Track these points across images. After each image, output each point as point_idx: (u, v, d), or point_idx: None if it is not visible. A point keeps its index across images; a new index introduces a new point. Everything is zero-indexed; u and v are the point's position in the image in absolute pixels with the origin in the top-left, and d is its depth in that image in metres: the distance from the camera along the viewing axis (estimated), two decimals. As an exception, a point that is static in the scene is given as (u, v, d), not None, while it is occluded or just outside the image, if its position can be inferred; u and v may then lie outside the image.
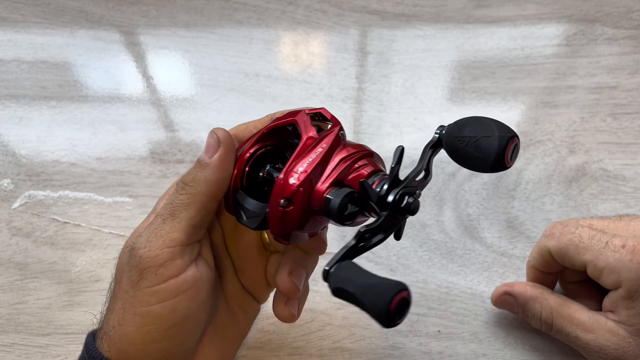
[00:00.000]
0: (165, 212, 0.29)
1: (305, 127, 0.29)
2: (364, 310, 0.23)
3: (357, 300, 0.23)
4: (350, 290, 0.24)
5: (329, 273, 0.25)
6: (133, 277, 0.29)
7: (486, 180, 0.48)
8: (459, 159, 0.28)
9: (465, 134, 0.27)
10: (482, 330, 0.40)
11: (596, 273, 0.34)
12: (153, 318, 0.29)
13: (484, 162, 0.26)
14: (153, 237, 0.29)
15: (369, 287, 0.23)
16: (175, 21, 0.59)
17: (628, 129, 0.50)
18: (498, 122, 0.27)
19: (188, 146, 0.50)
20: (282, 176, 0.27)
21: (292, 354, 0.40)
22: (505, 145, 0.26)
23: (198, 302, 0.30)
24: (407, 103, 0.53)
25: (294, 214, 0.27)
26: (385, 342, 0.40)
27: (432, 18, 0.59)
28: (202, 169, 0.29)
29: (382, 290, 0.23)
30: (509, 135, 0.26)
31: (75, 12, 0.60)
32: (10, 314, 0.42)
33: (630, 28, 0.57)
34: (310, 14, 0.59)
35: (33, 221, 0.46)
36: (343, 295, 0.24)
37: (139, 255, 0.29)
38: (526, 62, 0.55)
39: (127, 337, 0.29)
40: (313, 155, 0.28)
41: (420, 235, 0.45)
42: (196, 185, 0.29)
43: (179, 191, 0.30)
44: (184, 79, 0.56)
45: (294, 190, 0.27)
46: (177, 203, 0.29)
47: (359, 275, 0.24)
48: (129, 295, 0.29)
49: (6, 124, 0.52)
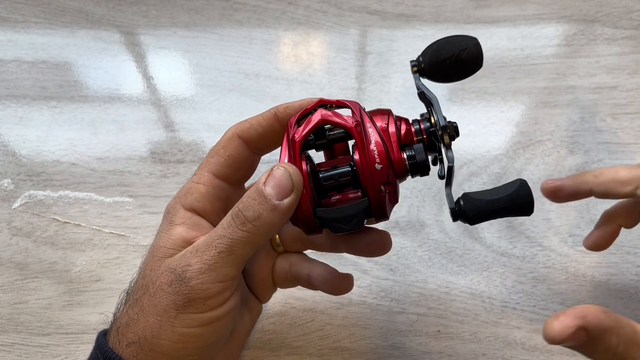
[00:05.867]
0: (221, 246, 0.28)
1: (340, 118, 0.29)
2: (512, 214, 0.28)
3: (509, 211, 0.28)
4: (502, 207, 0.28)
5: (463, 209, 0.29)
6: (178, 301, 0.28)
7: (486, 180, 0.48)
8: (445, 78, 0.31)
9: (444, 56, 0.30)
10: (481, 330, 0.41)
11: None
12: (192, 337, 0.29)
13: (470, 68, 0.30)
14: (206, 269, 0.28)
15: (512, 195, 0.28)
16: (175, 21, 0.59)
17: (628, 129, 0.50)
18: (459, 35, 0.31)
19: (188, 146, 0.50)
20: (363, 168, 0.28)
21: (292, 353, 0.40)
22: (480, 47, 0.30)
23: (233, 323, 0.31)
24: (407, 103, 0.53)
25: (394, 191, 0.29)
26: (385, 342, 0.40)
27: (432, 18, 0.59)
28: (270, 212, 0.28)
29: (521, 195, 0.28)
30: (475, 39, 0.31)
31: (75, 12, 0.60)
32: (10, 314, 0.42)
33: (630, 28, 0.57)
34: (310, 14, 0.60)
35: (33, 221, 0.46)
36: (489, 216, 0.28)
37: (190, 285, 0.28)
38: (526, 62, 0.55)
39: (161, 348, 0.29)
40: (370, 137, 0.29)
41: (420, 235, 0.45)
42: (260, 226, 0.28)
43: (239, 227, 0.28)
44: (184, 79, 0.56)
45: (387, 174, 0.28)
46: (237, 240, 0.28)
47: (491, 194, 0.29)
48: (169, 315, 0.28)
49: (6, 124, 0.52)
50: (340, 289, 0.34)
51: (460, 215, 0.29)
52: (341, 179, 0.30)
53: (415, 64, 0.32)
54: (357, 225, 0.29)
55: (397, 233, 0.45)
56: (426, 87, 0.31)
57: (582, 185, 0.37)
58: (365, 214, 0.29)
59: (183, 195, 0.32)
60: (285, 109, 0.32)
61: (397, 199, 0.30)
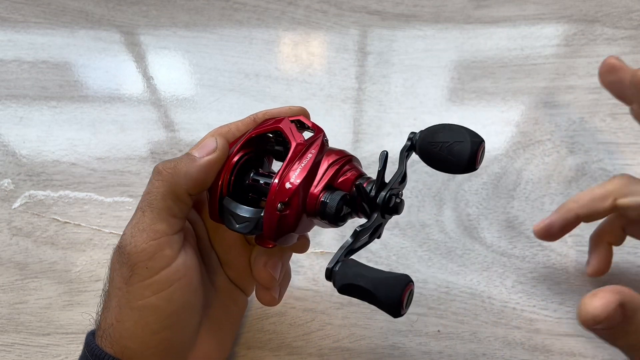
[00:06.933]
0: (143, 205, 0.29)
1: (292, 134, 0.30)
2: (375, 303, 0.25)
3: (369, 295, 0.25)
4: (363, 285, 0.25)
5: (334, 271, 0.26)
6: (124, 274, 0.29)
7: (486, 180, 0.48)
8: (432, 162, 0.29)
9: (438, 139, 0.28)
10: (481, 330, 0.41)
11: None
12: (150, 310, 0.29)
13: (457, 165, 0.28)
14: (136, 231, 0.29)
15: (381, 281, 0.25)
16: (175, 21, 0.59)
17: (627, 129, 0.50)
18: (467, 128, 0.29)
19: (188, 146, 0.50)
20: (277, 181, 0.28)
21: (292, 353, 0.40)
22: (477, 149, 0.28)
23: (192, 289, 0.31)
24: (407, 103, 0.53)
25: (291, 217, 0.28)
26: (385, 342, 0.40)
27: (431, 18, 0.59)
28: (188, 162, 0.29)
29: (393, 283, 0.25)
30: (479, 140, 0.28)
31: (75, 12, 0.60)
32: (10, 314, 0.42)
33: (630, 28, 0.57)
34: (310, 14, 0.60)
35: (33, 221, 0.46)
36: (352, 291, 0.25)
37: (127, 252, 0.29)
38: (526, 62, 0.55)
39: (127, 332, 0.29)
40: (304, 161, 0.29)
41: (420, 235, 0.45)
42: (174, 174, 0.29)
43: (155, 177, 0.30)
44: (184, 79, 0.56)
45: (291, 194, 0.28)
46: (154, 192, 0.29)
47: (367, 271, 0.26)
48: (122, 292, 0.29)
49: (7, 124, 0.52)
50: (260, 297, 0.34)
51: (330, 277, 0.26)
52: (264, 185, 0.31)
53: (411, 137, 0.30)
54: (244, 228, 0.29)
55: (397, 233, 0.45)
56: (403, 162, 0.30)
57: (568, 214, 0.38)
58: (257, 224, 0.29)
59: None
60: (264, 115, 0.33)
61: (293, 228, 0.29)
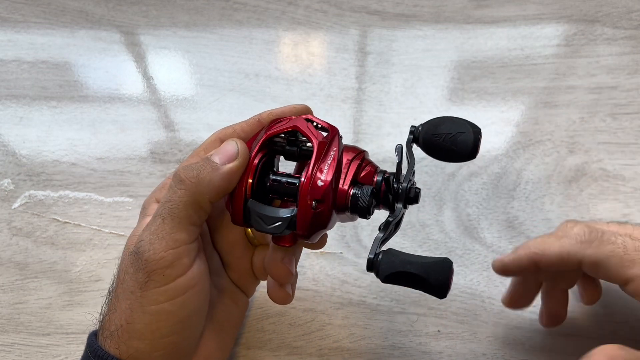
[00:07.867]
0: (164, 212, 0.29)
1: (312, 132, 0.30)
2: (424, 287, 0.27)
3: (419, 280, 0.27)
4: (413, 272, 0.27)
5: (377, 261, 0.28)
6: (140, 279, 0.29)
7: (486, 180, 0.48)
8: (435, 153, 0.31)
9: (441, 131, 0.30)
10: (481, 330, 0.41)
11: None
12: (163, 315, 0.29)
13: (460, 154, 0.30)
14: (155, 238, 0.28)
15: (430, 265, 0.27)
16: (175, 21, 0.59)
17: (627, 129, 0.50)
18: (466, 120, 0.31)
19: (188, 146, 0.50)
20: (305, 180, 0.28)
21: (292, 353, 0.40)
22: (479, 138, 0.30)
23: (204, 296, 0.31)
24: (407, 103, 0.53)
25: (325, 214, 0.29)
26: (385, 342, 0.40)
27: (432, 18, 0.59)
28: (211, 171, 0.29)
29: (441, 267, 0.27)
30: (478, 129, 0.30)
31: (75, 12, 0.60)
32: (10, 314, 0.42)
33: (630, 28, 0.57)
34: (310, 14, 0.60)
35: (33, 221, 0.46)
36: (400, 279, 0.27)
37: (144, 259, 0.28)
38: (526, 63, 0.55)
39: (137, 333, 0.29)
40: (329, 158, 0.29)
41: (420, 235, 0.45)
42: (197, 184, 0.29)
43: (177, 186, 0.29)
44: (184, 79, 0.56)
45: (324, 192, 0.28)
46: (176, 200, 0.29)
47: (412, 257, 0.27)
48: (135, 296, 0.29)
49: (6, 124, 0.52)
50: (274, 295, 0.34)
51: (373, 267, 0.28)
52: (287, 184, 0.30)
53: (413, 130, 0.32)
54: (277, 229, 0.29)
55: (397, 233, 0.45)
56: (412, 154, 0.31)
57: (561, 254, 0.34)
58: (289, 223, 0.29)
59: (158, 190, 0.33)
60: (269, 116, 0.33)
61: (327, 224, 0.29)
